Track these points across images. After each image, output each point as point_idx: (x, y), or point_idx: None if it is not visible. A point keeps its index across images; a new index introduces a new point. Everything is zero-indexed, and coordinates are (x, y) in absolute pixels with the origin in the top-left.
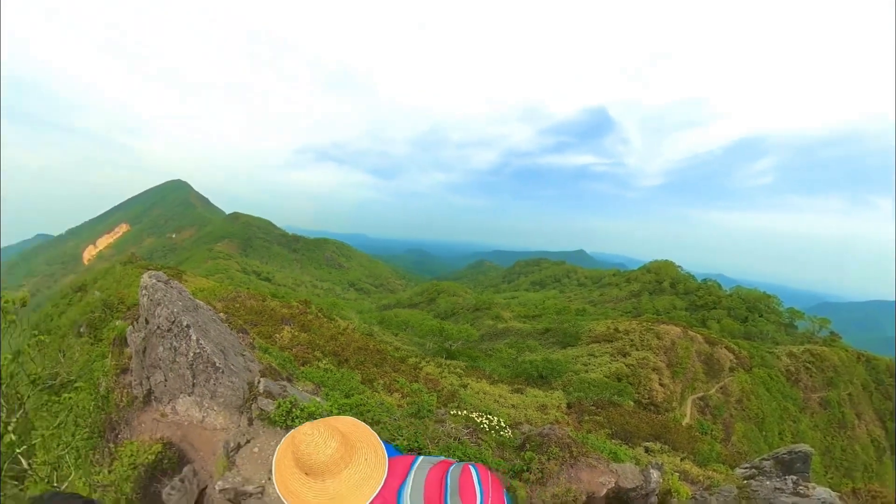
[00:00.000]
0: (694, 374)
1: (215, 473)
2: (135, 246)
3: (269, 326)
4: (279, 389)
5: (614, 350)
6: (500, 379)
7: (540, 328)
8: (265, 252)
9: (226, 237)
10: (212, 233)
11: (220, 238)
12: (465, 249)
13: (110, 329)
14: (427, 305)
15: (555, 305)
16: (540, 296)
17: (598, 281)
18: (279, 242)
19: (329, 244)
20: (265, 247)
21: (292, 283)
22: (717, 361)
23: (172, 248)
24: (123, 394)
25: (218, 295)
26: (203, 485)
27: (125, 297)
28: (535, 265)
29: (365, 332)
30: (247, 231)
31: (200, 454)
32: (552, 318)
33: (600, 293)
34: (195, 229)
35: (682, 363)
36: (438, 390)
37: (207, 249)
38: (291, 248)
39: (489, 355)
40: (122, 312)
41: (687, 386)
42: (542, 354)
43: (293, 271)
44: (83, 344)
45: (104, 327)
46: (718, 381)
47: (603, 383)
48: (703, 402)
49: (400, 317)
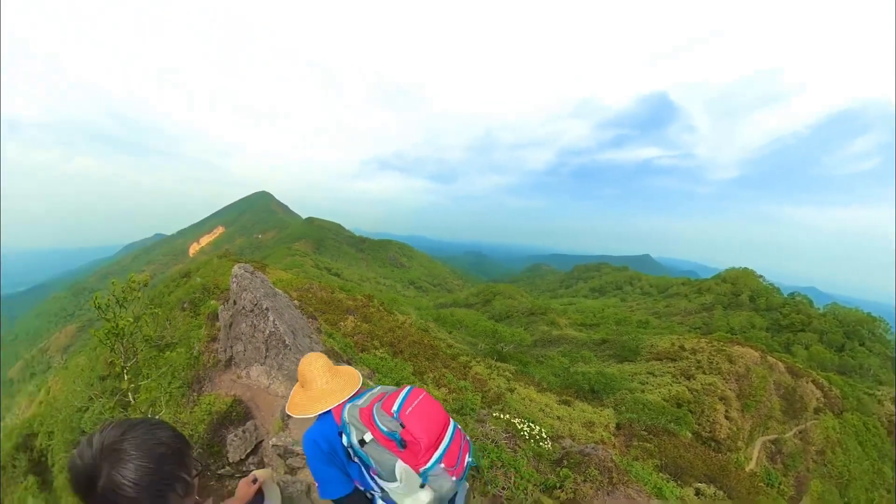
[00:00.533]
0: (769, 411)
1: (271, 431)
2: (228, 244)
3: (335, 315)
4: None
5: (677, 371)
6: (548, 388)
7: (596, 338)
8: (335, 251)
9: (302, 238)
10: (290, 234)
11: (298, 238)
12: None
13: (206, 307)
14: (482, 307)
15: (615, 315)
16: (599, 303)
17: (664, 290)
18: (348, 243)
19: (392, 245)
20: (336, 246)
21: (358, 279)
22: (799, 398)
23: (258, 247)
24: (210, 357)
25: (294, 286)
26: (260, 438)
27: (219, 283)
28: (595, 270)
29: (421, 328)
30: (320, 233)
31: (262, 413)
32: (611, 328)
33: (666, 304)
34: (277, 231)
35: (755, 395)
36: (485, 391)
37: (287, 248)
38: (358, 248)
39: (540, 362)
40: (216, 295)
41: (758, 424)
42: (596, 367)
43: (359, 269)
44: (185, 316)
45: (202, 305)
46: (798, 424)
47: (660, 407)
48: (776, 447)
49: (455, 316)
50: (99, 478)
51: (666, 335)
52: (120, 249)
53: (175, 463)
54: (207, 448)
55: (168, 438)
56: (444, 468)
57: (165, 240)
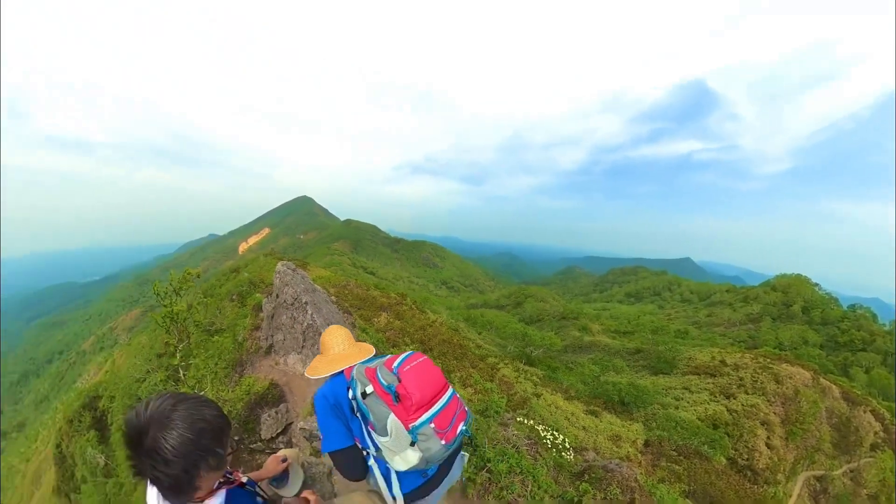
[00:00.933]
0: (817, 442)
1: (301, 415)
2: (273, 244)
3: (369, 311)
4: None
5: (716, 388)
6: (576, 396)
7: (630, 347)
8: (372, 251)
9: (340, 238)
10: (330, 235)
11: (336, 239)
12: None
13: (252, 299)
14: (513, 309)
15: (651, 323)
16: (635, 310)
17: (706, 297)
18: (383, 243)
19: (425, 246)
20: (372, 247)
21: (392, 277)
22: (854, 430)
23: (300, 246)
24: (253, 344)
25: (332, 282)
26: (290, 420)
27: (264, 278)
28: (632, 274)
29: (451, 327)
30: (357, 234)
31: (295, 398)
32: (646, 337)
33: (708, 313)
34: (317, 232)
35: (803, 422)
36: (511, 394)
37: (326, 248)
38: (393, 249)
39: (570, 368)
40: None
41: (803, 456)
42: (628, 377)
43: (394, 268)
44: (233, 307)
45: (248, 297)
46: (850, 460)
47: (694, 427)
48: (821, 485)
49: (486, 317)
50: (146, 437)
51: (706, 347)
52: (179, 247)
53: (212, 439)
54: (243, 424)
55: (211, 417)
56: (434, 429)
57: (218, 239)
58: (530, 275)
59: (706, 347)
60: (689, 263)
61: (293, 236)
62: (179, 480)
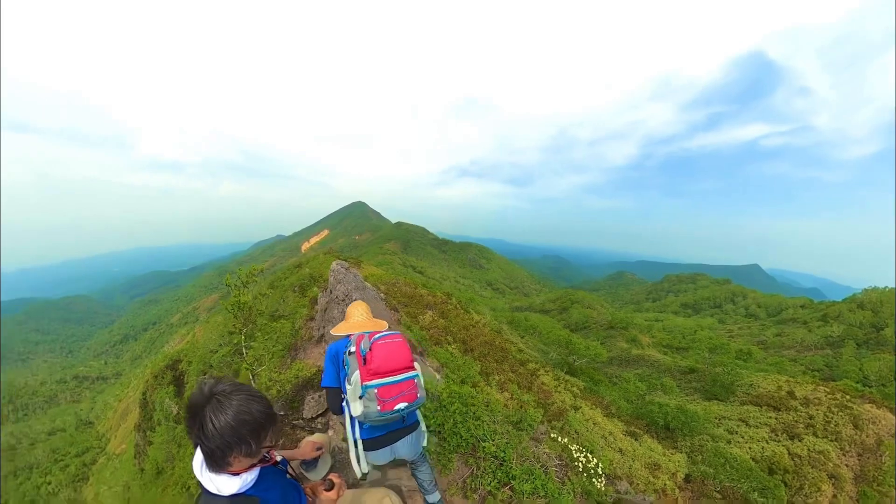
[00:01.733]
0: None
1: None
2: (332, 243)
3: (416, 309)
4: None
5: (779, 424)
6: (617, 413)
7: (683, 365)
8: (420, 251)
9: (392, 239)
10: (382, 236)
11: (388, 240)
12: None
13: (310, 292)
14: (558, 314)
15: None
16: (691, 323)
17: (775, 313)
18: (431, 244)
19: (472, 247)
20: (420, 247)
21: (439, 277)
22: None
23: (355, 246)
24: (307, 332)
25: (383, 280)
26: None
27: (322, 274)
28: (690, 282)
29: (494, 329)
30: (407, 235)
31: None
32: (702, 355)
33: (777, 332)
34: (371, 233)
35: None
36: (548, 403)
37: (379, 248)
38: (441, 249)
39: (613, 382)
40: (319, 283)
41: None
42: (676, 399)
43: (441, 268)
44: (295, 297)
45: (307, 290)
46: None
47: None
48: None
49: (529, 320)
50: (200, 411)
51: (772, 374)
52: (251, 245)
53: (251, 432)
54: (289, 403)
55: (257, 412)
56: (377, 395)
57: (284, 239)
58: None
59: (772, 374)
60: (756, 271)
61: (349, 237)
62: (214, 454)
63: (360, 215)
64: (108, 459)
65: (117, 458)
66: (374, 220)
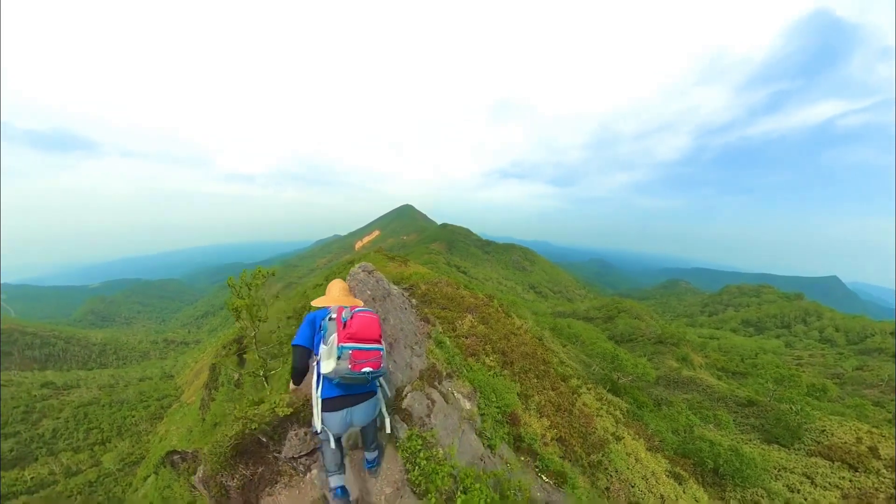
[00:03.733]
0: None
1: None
2: (382, 243)
3: (455, 312)
4: (423, 411)
5: (854, 489)
6: (661, 446)
7: (740, 396)
8: (464, 252)
9: (437, 240)
10: (428, 236)
11: (434, 240)
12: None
13: None
14: (603, 323)
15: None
16: (753, 344)
17: (858, 339)
18: (475, 245)
19: (515, 249)
20: (465, 248)
21: (482, 277)
22: None
23: (404, 246)
24: None
25: (426, 278)
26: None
27: None
28: (754, 295)
29: (536, 335)
30: (452, 236)
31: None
32: (764, 385)
33: (859, 364)
34: (417, 234)
35: None
36: (588, 430)
37: (425, 248)
38: (485, 251)
39: (659, 407)
40: None
41: None
42: (730, 437)
43: (484, 269)
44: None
45: None
46: None
47: None
48: None
49: (572, 328)
50: None
51: (849, 419)
52: (312, 243)
53: None
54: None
55: None
56: (350, 356)
57: (340, 238)
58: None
59: (850, 420)
60: (835, 285)
61: (398, 237)
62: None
63: (408, 217)
64: (180, 406)
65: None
66: (420, 221)
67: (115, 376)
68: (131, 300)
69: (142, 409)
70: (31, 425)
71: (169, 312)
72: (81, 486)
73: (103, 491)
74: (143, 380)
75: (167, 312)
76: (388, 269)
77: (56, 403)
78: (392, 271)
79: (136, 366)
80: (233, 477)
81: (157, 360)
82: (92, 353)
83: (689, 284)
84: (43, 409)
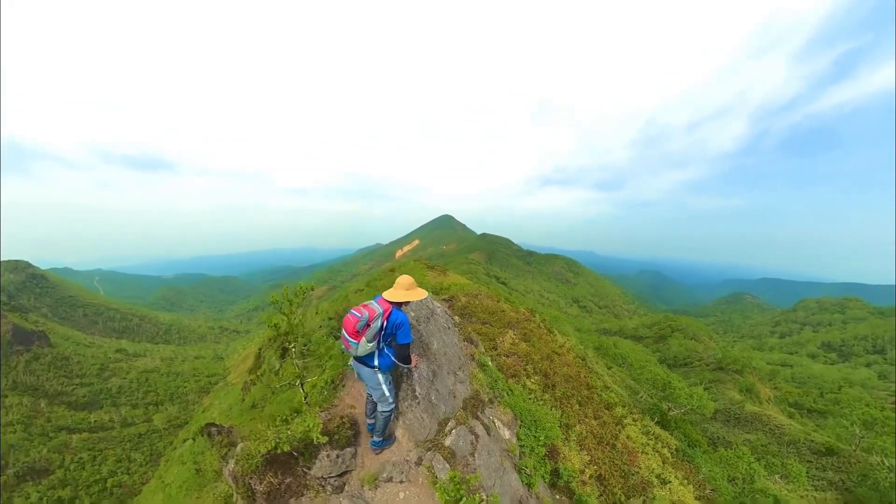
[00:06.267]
0: None
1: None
2: (422, 252)
3: (496, 328)
4: (467, 449)
5: None
6: (712, 497)
7: (817, 441)
8: (504, 262)
9: (477, 250)
10: (468, 246)
11: (473, 250)
12: (716, 274)
13: None
14: (654, 343)
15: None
16: (836, 373)
17: None
18: (516, 256)
19: (558, 260)
20: (505, 258)
21: (523, 290)
22: None
23: (443, 255)
24: None
25: (465, 290)
26: (349, 469)
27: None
28: (837, 311)
29: (579, 355)
30: (492, 246)
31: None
32: (849, 430)
33: None
34: (457, 244)
35: None
36: (631, 469)
37: (464, 257)
38: (526, 262)
39: (714, 447)
40: None
41: None
42: (800, 494)
43: (525, 280)
44: None
45: None
46: None
47: None
48: None
49: (619, 348)
50: None
51: None
52: (356, 251)
53: None
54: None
55: None
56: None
57: (382, 247)
58: (681, 301)
59: None
60: None
61: (437, 247)
62: None
63: (447, 227)
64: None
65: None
66: (459, 231)
67: (175, 352)
68: (197, 291)
69: (193, 382)
70: (103, 380)
71: (226, 304)
72: (133, 435)
73: (148, 444)
74: (198, 358)
75: (225, 304)
76: (427, 279)
77: (125, 366)
78: (431, 281)
79: (194, 346)
80: (261, 482)
81: (212, 344)
82: (160, 330)
83: (756, 299)
84: (114, 369)
